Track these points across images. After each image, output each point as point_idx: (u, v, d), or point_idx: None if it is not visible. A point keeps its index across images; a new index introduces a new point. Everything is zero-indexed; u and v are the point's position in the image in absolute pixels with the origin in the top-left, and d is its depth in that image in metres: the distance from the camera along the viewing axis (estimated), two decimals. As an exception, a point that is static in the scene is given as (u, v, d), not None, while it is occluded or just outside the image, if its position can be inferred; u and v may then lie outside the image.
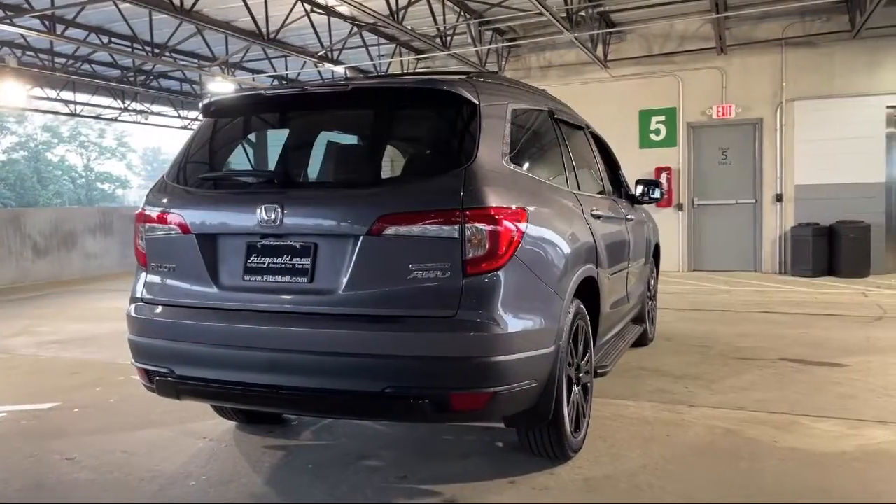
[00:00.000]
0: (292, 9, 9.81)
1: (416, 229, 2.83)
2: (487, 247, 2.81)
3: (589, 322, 3.75)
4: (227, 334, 3.08)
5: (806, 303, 8.87)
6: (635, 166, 10.24)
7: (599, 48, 12.34)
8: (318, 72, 13.98)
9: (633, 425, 4.12)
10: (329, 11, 10.49)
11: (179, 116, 19.58)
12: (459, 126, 3.08)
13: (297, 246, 3.03)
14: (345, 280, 2.92)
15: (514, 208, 2.94)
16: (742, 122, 12.22)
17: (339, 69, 11.47)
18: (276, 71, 13.21)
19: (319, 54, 10.64)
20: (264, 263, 3.08)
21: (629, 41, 12.77)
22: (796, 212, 11.95)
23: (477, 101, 3.11)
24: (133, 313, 3.41)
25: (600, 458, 3.60)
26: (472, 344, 2.79)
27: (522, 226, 2.96)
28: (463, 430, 4.06)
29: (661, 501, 3.12)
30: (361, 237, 2.90)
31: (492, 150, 3.05)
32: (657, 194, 5.67)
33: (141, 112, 18.14)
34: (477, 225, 2.80)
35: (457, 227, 2.80)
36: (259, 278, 3.08)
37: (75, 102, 16.74)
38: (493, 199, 2.86)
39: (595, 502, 3.11)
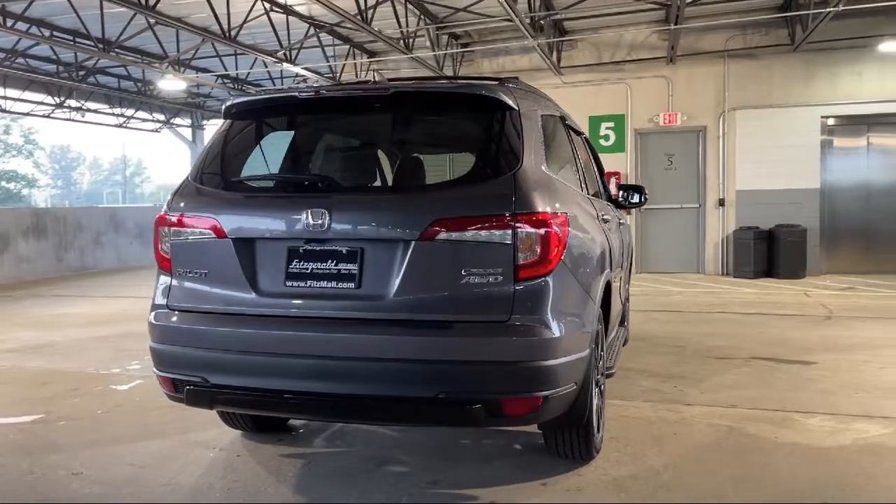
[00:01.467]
0: (253, 6, 9.61)
1: (468, 234, 2.86)
2: (539, 252, 2.86)
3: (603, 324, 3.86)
4: (269, 341, 3.02)
5: (755, 303, 9.29)
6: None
7: (553, 55, 12.58)
8: (268, 72, 13.73)
9: (639, 425, 4.25)
10: (287, 10, 10.33)
11: (114, 114, 18.84)
12: (504, 131, 3.12)
13: (343, 251, 3.00)
14: (395, 285, 2.91)
15: (559, 213, 2.99)
16: (687, 129, 12.69)
17: (297, 69, 11.32)
18: (226, 70, 12.89)
19: (279, 54, 10.45)
20: (307, 269, 3.03)
21: (580, 48, 13.07)
22: (738, 216, 12.49)
23: (517, 107, 3.16)
24: (158, 321, 3.29)
25: (621, 458, 3.70)
26: (525, 348, 2.83)
27: (565, 231, 3.02)
28: (479, 433, 4.09)
29: (698, 502, 3.23)
30: (413, 242, 2.89)
31: (533, 156, 3.11)
32: (636, 199, 5.84)
33: (77, 109, 17.35)
34: (528, 230, 2.85)
35: (509, 232, 2.84)
36: (302, 284, 3.04)
37: (5, 98, 15.88)
38: (541, 205, 2.92)
39: (632, 502, 3.21)
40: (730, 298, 9.76)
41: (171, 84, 12.35)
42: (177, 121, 20.30)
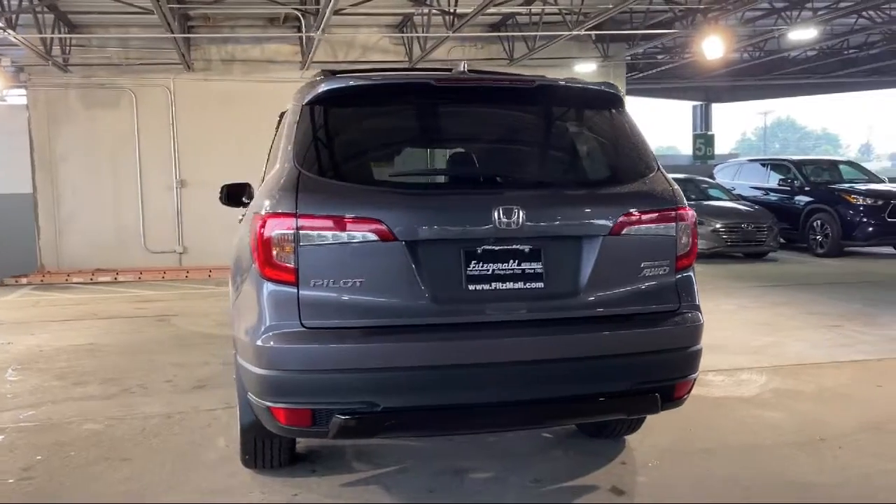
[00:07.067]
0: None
1: (647, 228, 3.10)
2: (690, 244, 3.22)
3: None
4: (456, 352, 2.83)
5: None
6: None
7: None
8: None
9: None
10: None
11: None
12: (636, 129, 3.37)
13: (526, 249, 2.94)
14: (584, 281, 2.98)
15: None
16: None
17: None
18: None
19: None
20: (488, 270, 2.90)
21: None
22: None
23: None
24: (287, 343, 2.75)
25: (642, 429, 4.15)
26: (692, 334, 3.16)
27: None
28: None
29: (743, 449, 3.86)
30: (602, 237, 3.01)
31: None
32: None
33: None
34: (685, 222, 3.19)
35: (673, 225, 3.14)
36: (487, 286, 2.89)
37: None
38: (685, 198, 3.27)
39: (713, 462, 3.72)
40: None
41: None
42: None
